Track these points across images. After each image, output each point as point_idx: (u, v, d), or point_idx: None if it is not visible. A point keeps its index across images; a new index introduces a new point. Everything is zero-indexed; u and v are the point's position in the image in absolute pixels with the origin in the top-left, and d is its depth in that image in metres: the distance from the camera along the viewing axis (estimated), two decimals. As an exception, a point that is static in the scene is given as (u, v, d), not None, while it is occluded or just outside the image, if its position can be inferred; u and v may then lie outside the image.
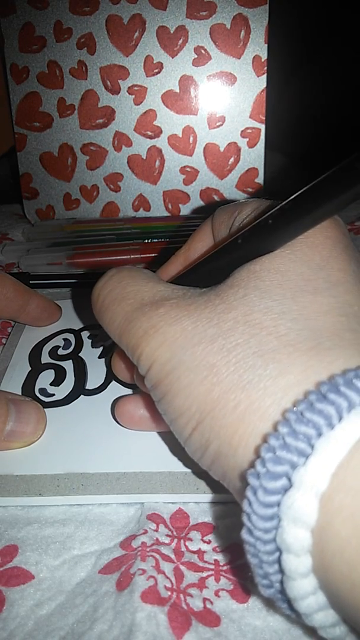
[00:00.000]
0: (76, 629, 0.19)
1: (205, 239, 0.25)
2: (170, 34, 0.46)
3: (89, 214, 0.50)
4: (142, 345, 0.19)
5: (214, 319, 0.18)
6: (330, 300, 0.17)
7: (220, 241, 0.24)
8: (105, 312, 0.21)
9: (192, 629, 0.19)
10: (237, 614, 0.19)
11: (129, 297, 0.20)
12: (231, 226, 0.23)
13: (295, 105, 0.63)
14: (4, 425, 0.24)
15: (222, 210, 0.24)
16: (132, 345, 0.19)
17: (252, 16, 0.45)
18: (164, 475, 0.23)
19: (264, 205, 0.22)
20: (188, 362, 0.17)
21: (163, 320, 0.18)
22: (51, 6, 0.45)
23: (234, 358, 0.17)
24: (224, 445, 0.16)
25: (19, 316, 0.33)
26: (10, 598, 0.20)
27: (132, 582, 0.20)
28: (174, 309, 0.19)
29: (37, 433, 0.25)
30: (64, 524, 0.22)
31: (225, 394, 0.16)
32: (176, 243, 0.26)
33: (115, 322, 0.20)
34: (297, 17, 0.60)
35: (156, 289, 0.20)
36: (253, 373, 0.16)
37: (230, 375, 0.16)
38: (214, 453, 0.17)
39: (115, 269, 0.22)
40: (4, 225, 0.51)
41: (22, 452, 0.25)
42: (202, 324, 0.18)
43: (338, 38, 0.60)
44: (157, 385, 0.18)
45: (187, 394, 0.17)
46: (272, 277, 0.18)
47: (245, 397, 0.16)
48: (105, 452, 0.25)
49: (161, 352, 0.18)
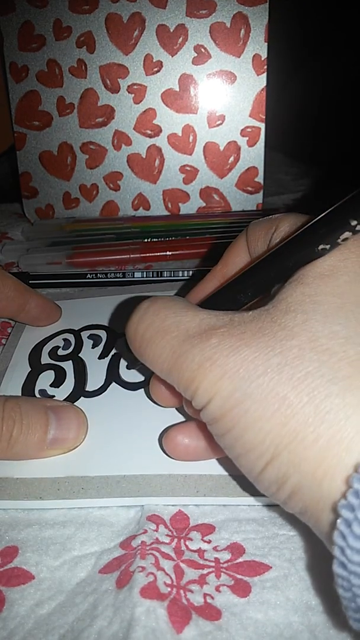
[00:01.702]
0: (76, 627, 0.19)
1: (241, 254, 0.25)
2: (170, 33, 0.46)
3: (88, 213, 0.50)
4: (199, 378, 0.18)
5: (276, 347, 0.17)
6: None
7: (260, 255, 0.23)
8: (147, 347, 0.20)
9: (192, 623, 0.19)
10: (238, 608, 0.19)
11: (171, 330, 0.19)
12: (269, 242, 0.23)
13: (295, 104, 0.63)
14: (46, 435, 0.24)
15: (257, 225, 0.24)
16: (185, 379, 0.18)
17: (252, 15, 0.45)
18: (164, 478, 0.24)
19: (301, 221, 0.21)
20: (255, 395, 0.17)
21: (218, 352, 0.18)
22: (51, 5, 0.45)
23: (306, 388, 0.16)
24: (306, 479, 0.16)
25: (19, 315, 0.33)
26: (11, 598, 0.20)
27: (131, 579, 0.20)
28: (226, 338, 0.18)
29: (80, 437, 0.25)
30: (64, 525, 0.22)
31: (303, 427, 0.16)
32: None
33: (161, 357, 0.19)
34: (297, 16, 0.60)
35: (199, 318, 0.19)
36: (331, 403, 0.15)
37: (306, 406, 0.16)
38: (293, 487, 0.16)
39: (148, 301, 0.21)
40: (3, 224, 0.51)
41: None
42: (263, 352, 0.17)
43: (338, 37, 0.60)
44: (219, 420, 0.18)
45: (258, 428, 0.17)
46: (330, 300, 0.18)
47: (326, 429, 0.15)
48: (105, 455, 0.25)
49: (222, 385, 0.17)
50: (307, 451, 0.16)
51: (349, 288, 0.18)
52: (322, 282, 0.18)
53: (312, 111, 0.64)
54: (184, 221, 0.49)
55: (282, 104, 0.56)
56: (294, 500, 0.17)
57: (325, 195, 0.21)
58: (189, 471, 0.24)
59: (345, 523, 0.14)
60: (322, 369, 0.16)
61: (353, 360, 0.16)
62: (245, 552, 0.21)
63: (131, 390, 0.29)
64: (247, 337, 0.18)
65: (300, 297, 0.18)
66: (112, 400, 0.28)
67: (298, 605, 0.19)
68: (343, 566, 0.14)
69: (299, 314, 0.18)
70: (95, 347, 0.32)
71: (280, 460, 0.16)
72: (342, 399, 0.15)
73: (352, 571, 0.14)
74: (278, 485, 0.17)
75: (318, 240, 0.19)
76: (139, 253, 0.44)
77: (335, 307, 0.17)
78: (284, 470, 0.16)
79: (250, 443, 0.17)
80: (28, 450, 0.24)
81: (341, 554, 0.14)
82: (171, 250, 0.44)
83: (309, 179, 0.60)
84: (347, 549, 0.14)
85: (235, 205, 0.50)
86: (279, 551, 0.21)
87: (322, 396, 0.16)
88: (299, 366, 0.16)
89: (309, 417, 0.16)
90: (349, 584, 0.14)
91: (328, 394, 0.16)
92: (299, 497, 0.16)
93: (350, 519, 0.14)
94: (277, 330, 0.17)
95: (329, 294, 0.18)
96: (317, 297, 0.18)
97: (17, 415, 0.23)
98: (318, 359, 0.16)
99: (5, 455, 0.24)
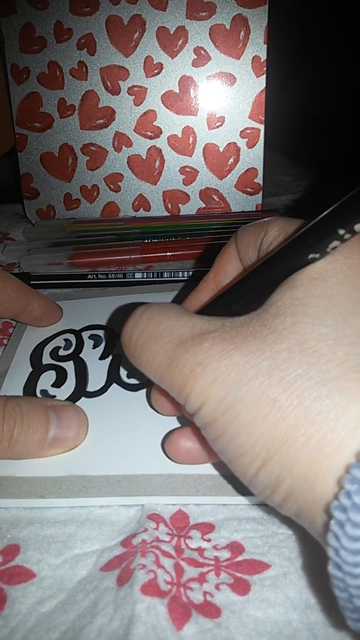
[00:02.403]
0: (77, 624, 0.19)
1: (232, 261, 0.25)
2: (170, 35, 0.46)
3: (89, 214, 0.51)
4: (190, 383, 0.18)
5: (265, 351, 0.17)
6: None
7: (251, 265, 0.24)
8: (141, 352, 0.20)
9: (192, 620, 0.19)
10: (238, 605, 0.19)
11: (165, 335, 0.19)
12: (259, 248, 0.23)
13: (294, 106, 0.64)
14: (47, 434, 0.24)
15: (246, 231, 0.24)
16: (178, 384, 0.18)
17: (252, 17, 0.45)
18: (164, 477, 0.24)
19: (289, 225, 0.22)
20: (246, 399, 0.17)
21: (210, 357, 0.18)
22: (51, 7, 0.45)
23: (296, 390, 0.16)
24: (298, 482, 0.16)
25: (21, 316, 0.33)
26: (12, 596, 0.20)
27: (132, 576, 0.20)
28: (218, 342, 0.18)
29: (80, 436, 0.25)
30: (66, 524, 0.23)
31: (293, 429, 0.16)
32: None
33: (155, 362, 0.19)
34: (296, 18, 0.60)
35: (192, 323, 0.19)
36: (320, 404, 0.16)
37: (296, 409, 0.16)
38: (287, 490, 0.16)
39: (143, 307, 0.21)
40: (4, 225, 0.51)
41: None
42: (254, 356, 0.17)
43: (337, 38, 0.60)
44: (211, 424, 0.18)
45: (249, 432, 0.17)
46: (319, 302, 0.18)
47: (316, 431, 0.15)
48: (106, 454, 0.25)
49: (213, 389, 0.17)
50: (299, 454, 0.16)
51: (338, 290, 0.18)
52: (311, 285, 0.18)
53: (311, 112, 0.64)
54: (184, 222, 0.49)
55: (282, 105, 0.56)
56: (288, 503, 0.17)
57: (324, 195, 0.21)
58: (188, 471, 0.24)
59: (338, 524, 0.14)
60: (311, 371, 0.16)
61: (341, 362, 0.16)
62: (245, 550, 0.21)
63: (132, 392, 0.29)
64: (238, 341, 0.18)
65: (290, 301, 0.18)
66: (112, 400, 0.28)
67: (297, 603, 0.19)
68: (338, 567, 0.14)
69: (289, 317, 0.18)
70: (96, 347, 0.32)
71: (273, 464, 0.16)
72: (331, 400, 0.16)
73: (347, 572, 0.14)
74: (272, 489, 0.17)
75: (307, 250, 0.19)
76: (139, 254, 0.44)
77: (323, 309, 0.17)
78: (277, 473, 0.16)
79: (242, 447, 0.17)
80: (29, 450, 0.24)
81: (335, 555, 0.14)
82: (171, 251, 0.44)
83: (308, 180, 0.60)
84: (341, 550, 0.14)
85: (235, 206, 0.50)
86: (278, 550, 0.21)
87: (312, 398, 0.16)
88: (288, 369, 0.16)
89: (299, 420, 0.16)
90: (345, 585, 0.14)
91: (317, 396, 0.16)
92: (292, 499, 0.17)
93: (343, 520, 0.14)
94: (267, 334, 0.18)
95: (317, 296, 0.18)
96: (306, 300, 0.18)
97: (18, 415, 0.24)
98: (307, 361, 0.16)
99: (7, 454, 0.24)
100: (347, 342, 0.16)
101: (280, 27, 0.47)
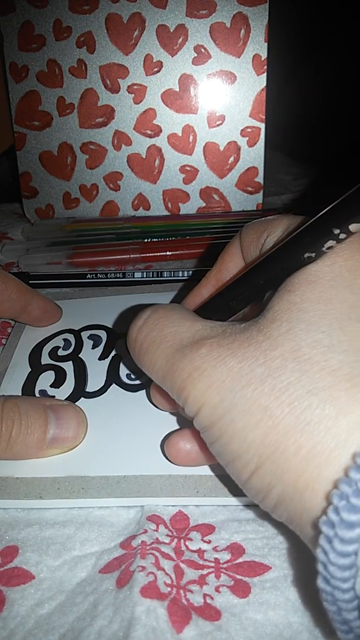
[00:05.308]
0: (76, 626, 0.19)
1: (234, 259, 0.25)
2: (170, 33, 0.46)
3: (88, 213, 0.51)
4: (188, 388, 0.18)
5: (260, 358, 0.17)
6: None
7: (251, 262, 0.24)
8: (145, 355, 0.20)
9: (192, 623, 0.19)
10: (238, 608, 0.19)
11: (167, 339, 0.20)
12: (262, 246, 0.23)
13: (295, 104, 0.63)
14: (45, 434, 0.24)
15: (250, 228, 0.24)
16: (177, 388, 0.19)
17: (252, 15, 0.45)
18: (164, 478, 0.24)
19: (294, 222, 0.21)
20: (240, 405, 0.17)
21: (206, 362, 0.18)
22: (51, 5, 0.45)
23: (287, 399, 0.16)
24: (288, 490, 0.16)
25: (20, 316, 0.33)
26: (11, 598, 0.20)
27: (131, 578, 0.20)
28: (215, 348, 0.18)
29: (79, 436, 0.25)
30: (64, 525, 0.23)
31: (284, 437, 0.16)
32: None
33: (156, 365, 0.20)
34: (297, 16, 0.60)
35: (194, 328, 0.20)
36: (310, 414, 0.16)
37: (286, 417, 0.16)
38: (278, 497, 0.17)
39: (150, 310, 0.22)
40: (3, 224, 0.51)
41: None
42: (248, 363, 0.17)
43: (338, 37, 0.60)
44: (208, 429, 0.18)
45: (242, 438, 0.17)
46: (315, 307, 0.17)
47: (306, 440, 0.15)
48: (105, 455, 0.25)
49: (209, 395, 0.18)
50: (289, 462, 0.16)
51: (335, 293, 0.18)
52: (308, 288, 0.18)
53: (312, 111, 0.64)
54: (184, 221, 0.49)
55: (282, 104, 0.56)
56: (279, 509, 0.17)
57: (325, 194, 0.21)
58: (188, 472, 0.24)
59: (327, 539, 0.14)
60: (303, 379, 0.16)
61: (334, 370, 0.16)
62: (245, 552, 0.21)
63: (131, 392, 0.29)
64: (235, 347, 0.18)
65: (286, 305, 0.18)
66: (112, 401, 0.28)
67: (298, 605, 0.19)
68: (326, 581, 0.15)
69: (284, 323, 0.18)
70: (96, 347, 0.32)
71: (264, 470, 0.17)
72: (321, 410, 0.15)
73: (335, 586, 0.14)
74: (264, 494, 0.17)
75: (303, 249, 0.19)
76: (139, 253, 0.44)
77: (319, 314, 0.17)
78: (268, 480, 0.17)
79: (236, 452, 0.17)
80: (28, 450, 0.24)
81: (324, 569, 0.15)
82: (171, 250, 0.44)
83: (308, 179, 0.60)
84: (329, 565, 0.14)
85: (235, 205, 0.50)
86: (279, 551, 0.21)
87: (302, 407, 0.16)
88: (281, 376, 0.16)
89: (290, 429, 0.16)
90: (334, 599, 0.15)
91: (308, 405, 0.16)
92: (283, 506, 0.17)
93: (331, 536, 0.14)
94: (262, 340, 0.18)
95: (314, 300, 0.18)
96: (302, 305, 0.18)
97: (16, 415, 0.24)
98: (300, 369, 0.16)
99: (5, 455, 0.24)
100: (341, 349, 0.16)
101: (280, 25, 0.46)
